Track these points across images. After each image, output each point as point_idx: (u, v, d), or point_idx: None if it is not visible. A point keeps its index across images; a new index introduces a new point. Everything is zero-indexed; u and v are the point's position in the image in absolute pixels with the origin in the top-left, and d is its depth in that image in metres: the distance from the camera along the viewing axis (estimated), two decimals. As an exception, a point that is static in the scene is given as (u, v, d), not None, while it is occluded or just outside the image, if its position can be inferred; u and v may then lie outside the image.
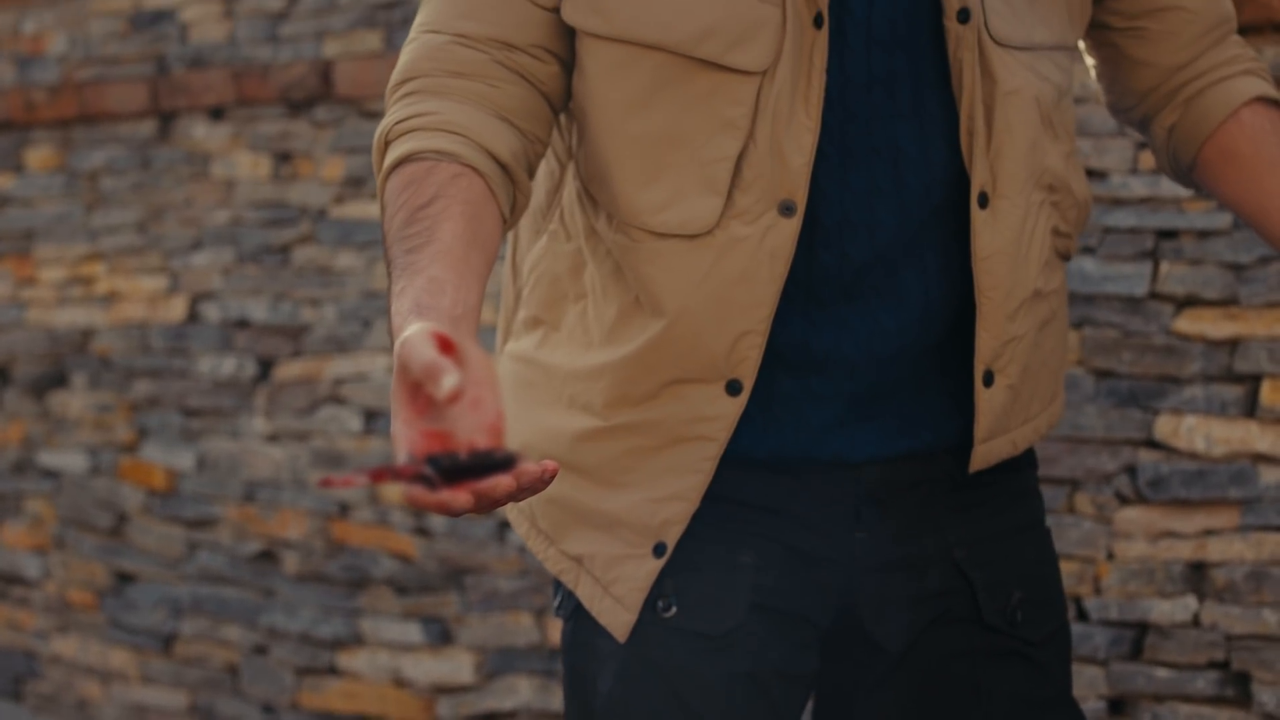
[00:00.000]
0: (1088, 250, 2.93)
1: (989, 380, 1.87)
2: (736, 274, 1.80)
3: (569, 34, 1.83)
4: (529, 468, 1.47)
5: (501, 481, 1.44)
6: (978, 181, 1.83)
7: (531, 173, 1.82)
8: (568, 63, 1.85)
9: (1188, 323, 2.85)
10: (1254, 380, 2.80)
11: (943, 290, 1.86)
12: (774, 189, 1.79)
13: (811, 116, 1.78)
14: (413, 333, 1.47)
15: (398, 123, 1.76)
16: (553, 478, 1.50)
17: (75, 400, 4.53)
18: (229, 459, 4.22)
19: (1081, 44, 2.02)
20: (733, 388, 1.83)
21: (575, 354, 1.90)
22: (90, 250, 4.48)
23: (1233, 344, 2.81)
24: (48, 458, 4.60)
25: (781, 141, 1.78)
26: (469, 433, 1.46)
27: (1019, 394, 1.90)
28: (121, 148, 4.39)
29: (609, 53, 1.80)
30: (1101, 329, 2.92)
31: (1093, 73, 2.06)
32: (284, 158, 4.11)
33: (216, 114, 4.22)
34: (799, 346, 1.85)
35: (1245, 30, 2.64)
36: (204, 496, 4.27)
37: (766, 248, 1.79)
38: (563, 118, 1.91)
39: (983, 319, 1.85)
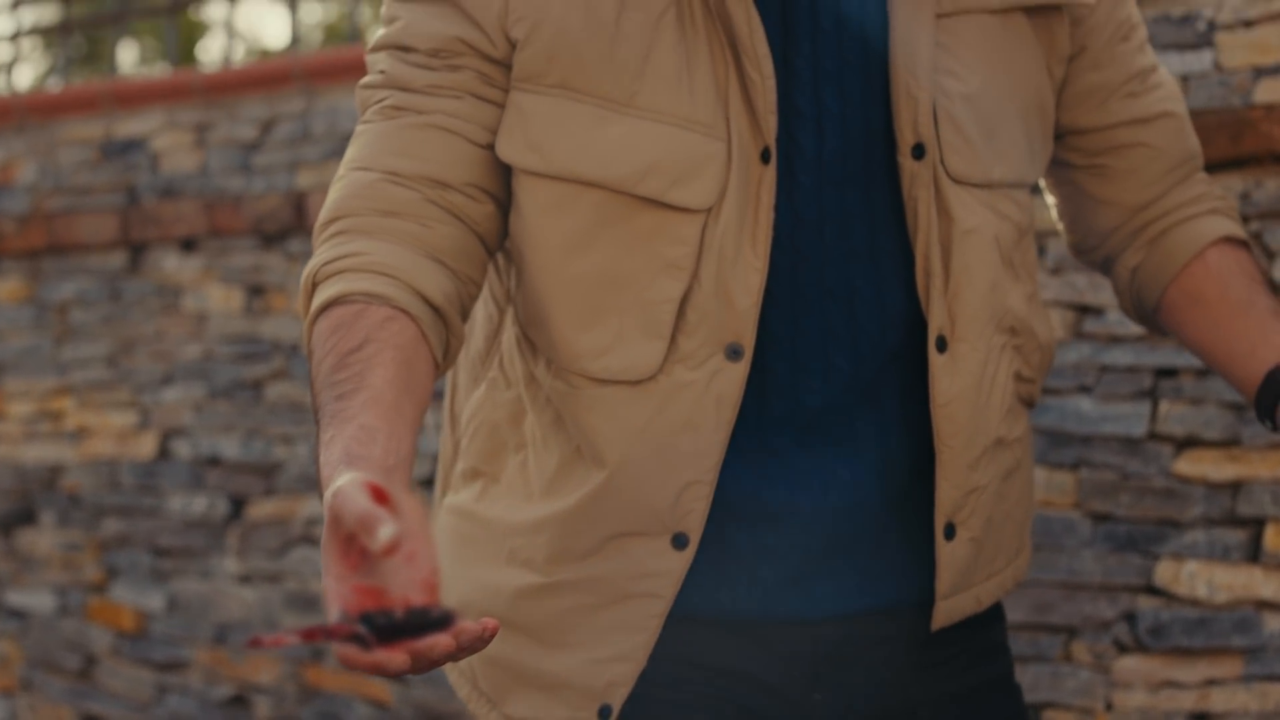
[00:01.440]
0: (1084, 389, 2.89)
1: (950, 533, 1.83)
2: (681, 422, 1.77)
3: (505, 171, 1.82)
4: (468, 626, 1.44)
5: (440, 641, 1.41)
6: (935, 325, 1.80)
7: (465, 316, 1.80)
8: (503, 202, 1.83)
9: (1188, 464, 2.80)
10: (1257, 524, 2.75)
11: (901, 438, 1.84)
12: (720, 332, 1.77)
13: (759, 256, 1.76)
14: (345, 483, 1.45)
15: (325, 264, 1.74)
16: (493, 636, 1.47)
17: (43, 538, 4.50)
18: (200, 600, 4.18)
19: (1041, 182, 1.99)
20: (679, 541, 1.79)
21: (515, 507, 1.87)
22: (59, 384, 4.46)
23: (1235, 486, 2.76)
24: (15, 597, 4.56)
25: (728, 282, 1.76)
26: (404, 589, 1.43)
27: (982, 547, 1.87)
28: (91, 279, 4.38)
29: (546, 191, 1.79)
30: (1099, 471, 2.88)
31: (1053, 211, 2.04)
32: (256, 291, 4.09)
33: (188, 245, 4.21)
34: (750, 497, 1.82)
35: (1244, 161, 2.63)
36: (174, 638, 4.23)
37: (712, 394, 1.76)
38: (501, 259, 1.89)
39: (942, 469, 1.82)
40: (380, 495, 1.43)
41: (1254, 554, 2.75)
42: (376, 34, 1.86)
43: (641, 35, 1.75)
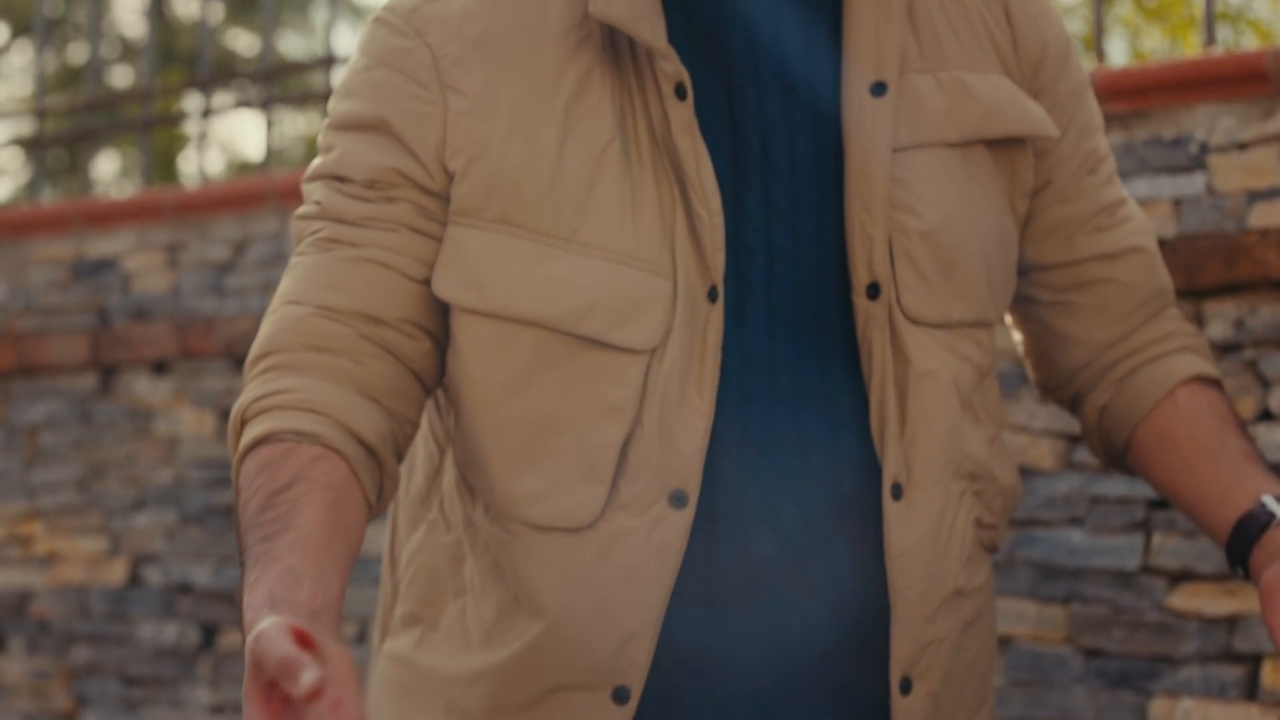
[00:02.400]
0: (1075, 521, 2.86)
1: (906, 688, 1.79)
2: (622, 571, 1.73)
3: (443, 307, 1.80)
4: None
5: None
6: (890, 471, 1.77)
7: (400, 456, 1.78)
8: (441, 338, 1.81)
9: (1183, 599, 2.77)
10: (1254, 660, 2.72)
11: (855, 588, 1.79)
12: (663, 478, 1.73)
13: (705, 399, 1.73)
14: (267, 626, 1.42)
15: (255, 400, 1.72)
16: None
17: (12, 665, 4.46)
18: (169, 733, 4.13)
19: (1007, 318, 1.96)
20: (620, 695, 1.75)
21: (453, 656, 1.83)
22: (29, 508, 4.43)
23: (1231, 622, 2.73)
24: (-17, 727, 4.52)
25: (672, 426, 1.73)
26: None
27: (940, 702, 1.82)
28: (62, 401, 4.36)
29: (484, 329, 1.76)
30: (1090, 605, 2.84)
31: (1019, 348, 2.01)
32: (228, 415, 4.07)
33: (160, 368, 4.19)
34: (697, 648, 1.78)
35: (1239, 287, 2.61)
36: (143, 773, 4.18)
37: (655, 542, 1.73)
38: (442, 396, 1.85)
39: (898, 621, 1.78)
40: (304, 640, 1.41)
41: (1251, 691, 2.72)
42: (313, 163, 1.84)
43: (584, 168, 1.74)
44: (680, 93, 1.73)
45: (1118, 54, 4.62)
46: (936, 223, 1.79)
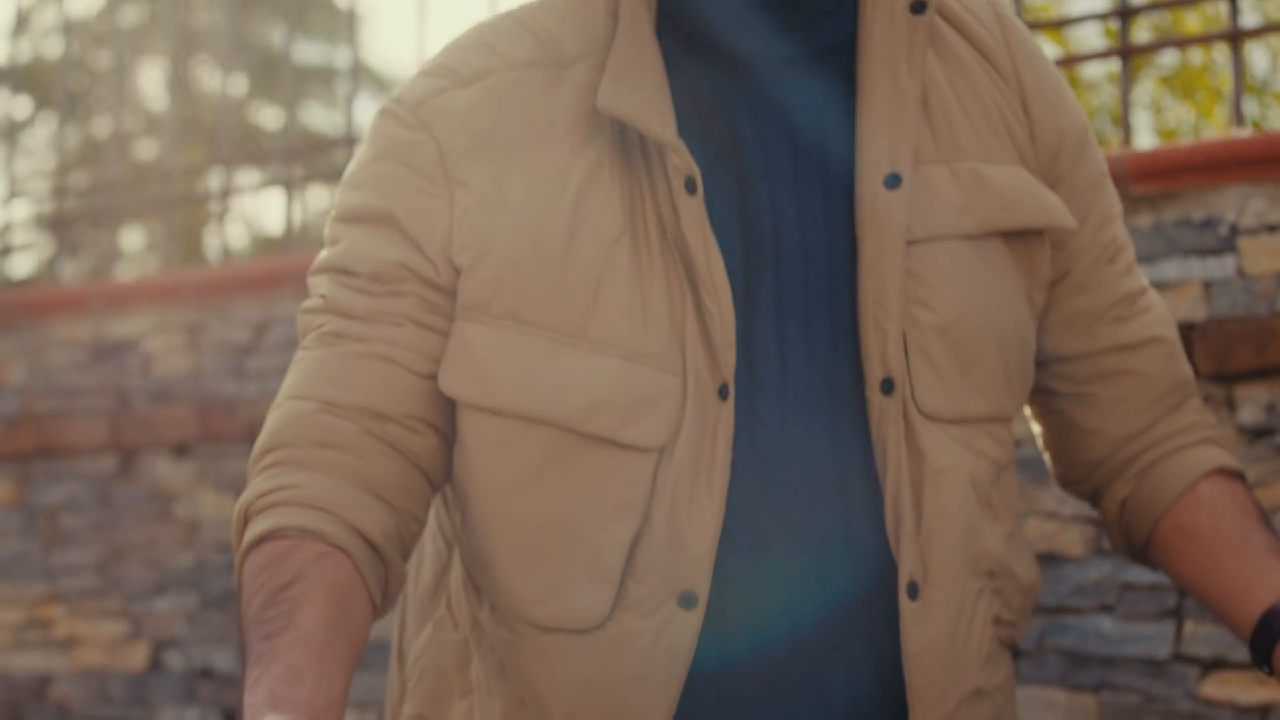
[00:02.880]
0: (1105, 609, 2.84)
1: None
2: (629, 674, 1.72)
3: (449, 403, 1.79)
4: None
5: None
6: (906, 570, 1.75)
7: (406, 553, 1.76)
8: (447, 434, 1.80)
9: (1215, 687, 2.75)
10: (1289, 750, 2.69)
11: (871, 689, 1.78)
12: (672, 578, 1.72)
13: (715, 498, 1.71)
14: None
15: (258, 496, 1.71)
16: None
17: (32, 752, 4.45)
18: (189, 822, 4.12)
19: (1025, 410, 1.95)
20: None
21: None
22: (48, 591, 4.43)
23: (1264, 710, 2.71)
24: (2, 813, 4.50)
25: (681, 526, 1.71)
26: None
27: None
28: (82, 484, 4.36)
29: (490, 427, 1.75)
30: (1121, 694, 2.82)
31: (1038, 441, 1.99)
32: (249, 497, 4.06)
33: (180, 451, 4.19)
34: None
35: (1269, 371, 2.59)
36: None
37: (663, 645, 1.71)
38: (451, 493, 1.84)
39: None
40: None
41: (1285, 782, 2.69)
42: (319, 256, 1.84)
43: (593, 263, 1.73)
44: (690, 187, 1.72)
45: (1144, 128, 4.62)
46: (952, 317, 1.77)
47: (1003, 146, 1.85)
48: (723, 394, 1.71)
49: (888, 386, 1.74)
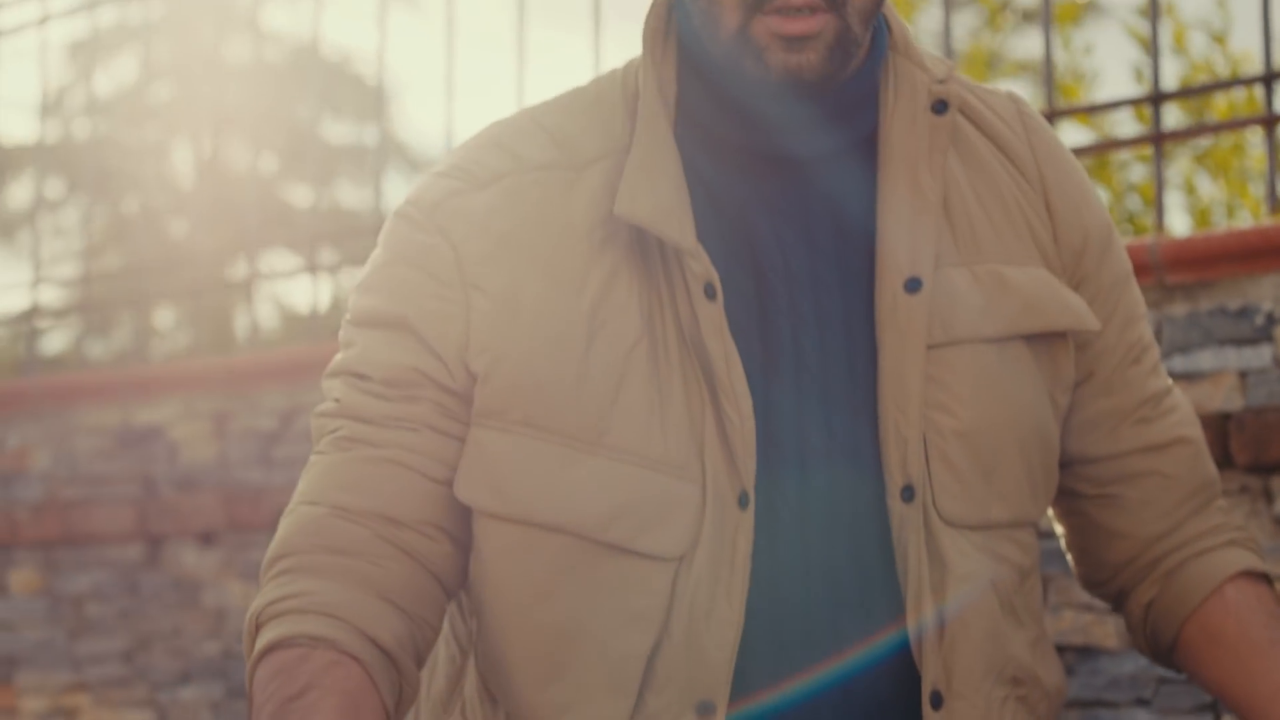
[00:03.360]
0: (1141, 702, 2.81)
1: None
2: None
3: (464, 509, 1.78)
4: None
5: None
6: (929, 679, 1.73)
7: (420, 661, 1.75)
8: (462, 541, 1.79)
9: (1254, 784, 2.70)
10: None
11: None
12: (691, 689, 1.70)
13: (734, 609, 1.70)
14: None
15: (270, 604, 1.70)
16: None
17: (55, 844, 4.42)
18: None
19: (1048, 510, 1.93)
20: None
21: None
22: (74, 680, 4.42)
23: (1304, 810, 2.65)
24: None
25: (700, 636, 1.70)
26: None
27: None
28: (107, 572, 4.36)
29: (506, 534, 1.74)
30: (1159, 790, 2.78)
31: (1061, 542, 1.97)
32: (275, 586, 4.05)
33: (207, 539, 4.19)
34: None
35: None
36: None
37: None
38: (466, 600, 1.83)
39: None
40: None
41: None
42: (334, 359, 1.84)
43: (611, 369, 1.72)
44: (710, 293, 1.72)
45: (1175, 207, 4.60)
46: (973, 422, 1.76)
47: (1025, 248, 1.84)
48: (743, 502, 1.70)
49: (908, 494, 1.73)
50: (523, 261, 1.75)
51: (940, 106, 1.81)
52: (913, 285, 1.75)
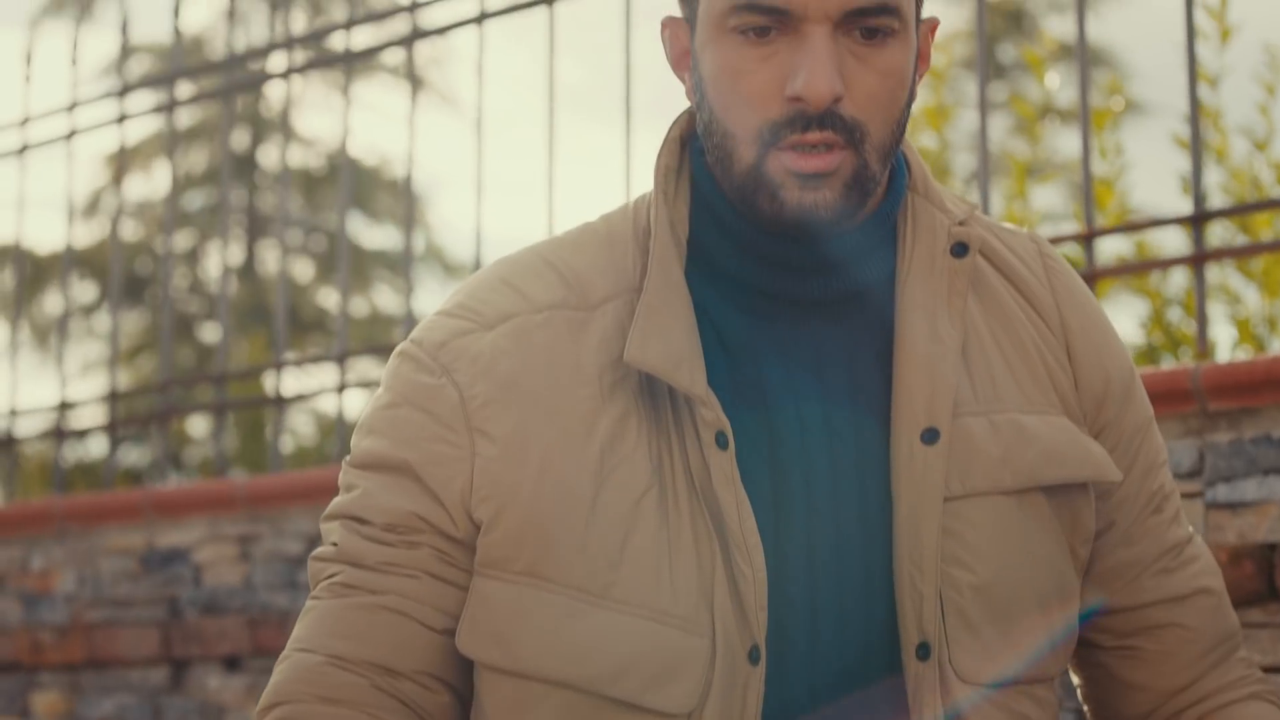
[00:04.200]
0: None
1: None
2: None
3: (464, 659, 1.76)
4: None
5: None
6: None
7: None
8: (462, 692, 1.77)
9: None
10: None
11: None
12: None
13: None
14: None
15: None
16: None
17: None
18: None
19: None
20: None
21: None
22: (97, 807, 4.36)
23: None
24: None
25: None
26: None
27: None
28: (132, 696, 4.32)
29: (510, 688, 1.72)
30: None
31: (1078, 693, 1.93)
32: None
33: (231, 664, 4.15)
34: None
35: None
36: None
37: None
38: None
39: None
40: None
41: None
42: (333, 501, 1.82)
43: (620, 518, 1.70)
44: (722, 442, 1.69)
45: (1218, 317, 4.54)
46: (991, 577, 1.74)
47: (1045, 395, 1.82)
48: (753, 657, 1.68)
49: (924, 651, 1.71)
50: (530, 405, 1.73)
51: (960, 249, 1.79)
52: (930, 436, 1.73)
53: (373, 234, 18.01)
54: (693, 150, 1.80)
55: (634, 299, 1.76)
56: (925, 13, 1.79)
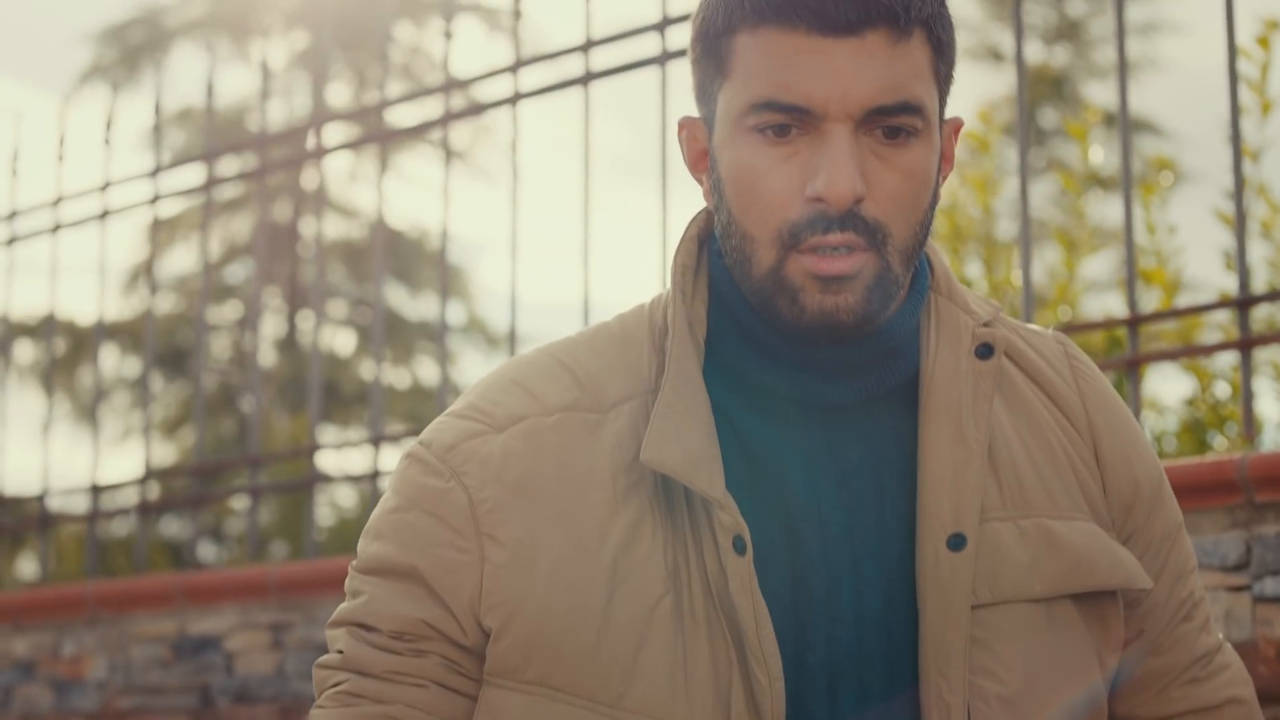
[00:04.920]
0: None
1: None
2: None
3: None
4: None
5: None
6: None
7: None
8: None
9: None
10: None
11: None
12: None
13: None
14: None
15: None
16: None
17: None
18: None
19: None
20: None
21: None
22: None
23: None
24: None
25: None
26: None
27: None
28: (163, 785, 4.28)
29: None
30: None
31: None
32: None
33: (264, 753, 4.11)
34: None
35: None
36: None
37: None
38: None
39: None
40: None
41: None
42: (339, 608, 1.79)
43: (633, 626, 1.67)
44: (739, 547, 1.66)
45: (1265, 392, 4.49)
46: (1019, 686, 1.70)
47: (1073, 500, 1.79)
48: None
49: None
50: (541, 510, 1.70)
51: (985, 350, 1.77)
52: (956, 542, 1.70)
53: (415, 305, 18.00)
54: (711, 250, 1.78)
55: (649, 401, 1.74)
56: (956, 93, 1.76)
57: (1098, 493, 1.80)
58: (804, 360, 1.72)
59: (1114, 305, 11.24)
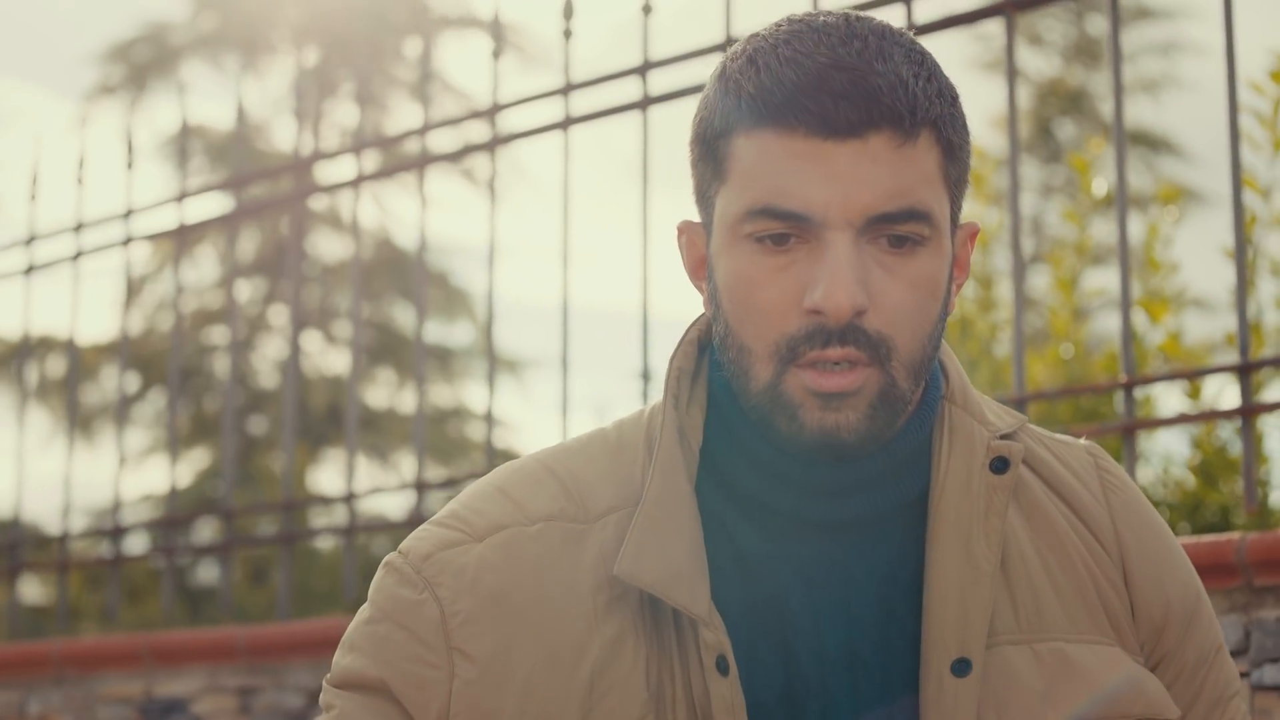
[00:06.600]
0: None
1: None
2: None
3: None
4: None
5: None
6: None
7: None
8: None
9: None
10: None
11: None
12: None
13: None
14: None
15: None
16: None
17: None
18: None
19: None
20: None
21: None
22: None
23: None
24: None
25: None
26: None
27: None
28: None
29: None
30: None
31: None
32: None
33: (235, 818, 4.03)
34: None
35: None
36: None
37: None
38: None
39: None
40: None
41: None
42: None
43: None
44: (723, 668, 1.59)
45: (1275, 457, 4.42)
46: None
47: (1095, 622, 1.70)
48: None
49: None
50: (515, 625, 1.64)
51: (1000, 464, 1.68)
52: (961, 668, 1.62)
53: (425, 328, 17.96)
54: (711, 358, 1.72)
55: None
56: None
57: (1124, 615, 1.71)
58: (805, 479, 1.65)
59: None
